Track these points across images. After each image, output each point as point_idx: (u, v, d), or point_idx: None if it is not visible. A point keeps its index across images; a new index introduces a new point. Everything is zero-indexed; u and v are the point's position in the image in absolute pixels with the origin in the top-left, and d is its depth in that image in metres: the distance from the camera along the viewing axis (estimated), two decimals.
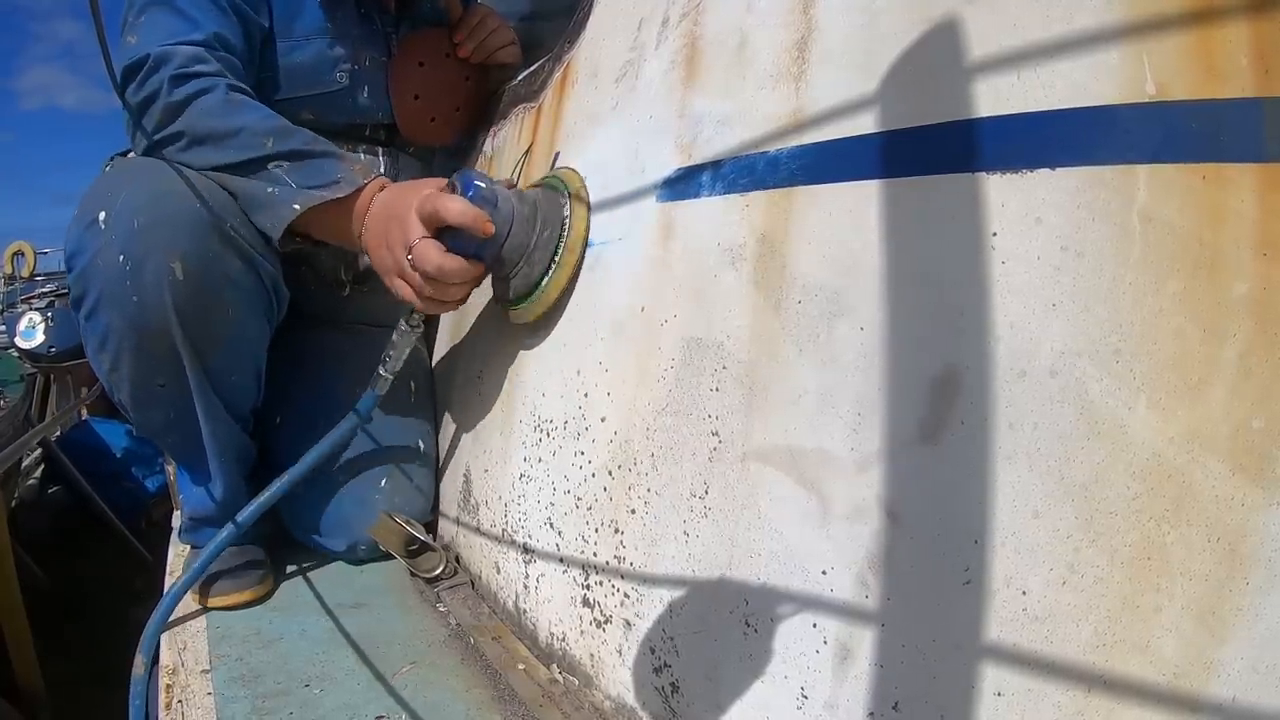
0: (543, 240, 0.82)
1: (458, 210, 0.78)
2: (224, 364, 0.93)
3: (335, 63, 1.09)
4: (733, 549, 0.62)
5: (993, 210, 0.48)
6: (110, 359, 0.89)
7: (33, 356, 4.27)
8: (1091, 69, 0.45)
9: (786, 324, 0.59)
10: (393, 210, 0.86)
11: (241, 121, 0.91)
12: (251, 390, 1.03)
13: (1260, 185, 0.41)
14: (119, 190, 0.86)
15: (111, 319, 0.86)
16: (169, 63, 0.91)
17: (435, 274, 0.81)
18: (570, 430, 0.82)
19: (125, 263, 0.83)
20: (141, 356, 0.88)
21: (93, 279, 0.85)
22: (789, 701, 0.57)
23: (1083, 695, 0.44)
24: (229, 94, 0.93)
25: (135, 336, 0.86)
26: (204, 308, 0.87)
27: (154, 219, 0.84)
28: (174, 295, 0.84)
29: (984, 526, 0.47)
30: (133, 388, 0.91)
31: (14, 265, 6.50)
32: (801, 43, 0.61)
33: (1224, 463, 0.41)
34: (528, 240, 0.82)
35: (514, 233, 0.81)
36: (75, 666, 2.49)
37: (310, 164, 0.90)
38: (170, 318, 0.85)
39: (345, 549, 1.12)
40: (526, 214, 0.82)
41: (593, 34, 0.89)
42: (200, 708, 0.80)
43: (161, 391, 0.91)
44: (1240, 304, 0.41)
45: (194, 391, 0.91)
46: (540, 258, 0.83)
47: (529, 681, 0.82)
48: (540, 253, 0.82)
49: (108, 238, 0.84)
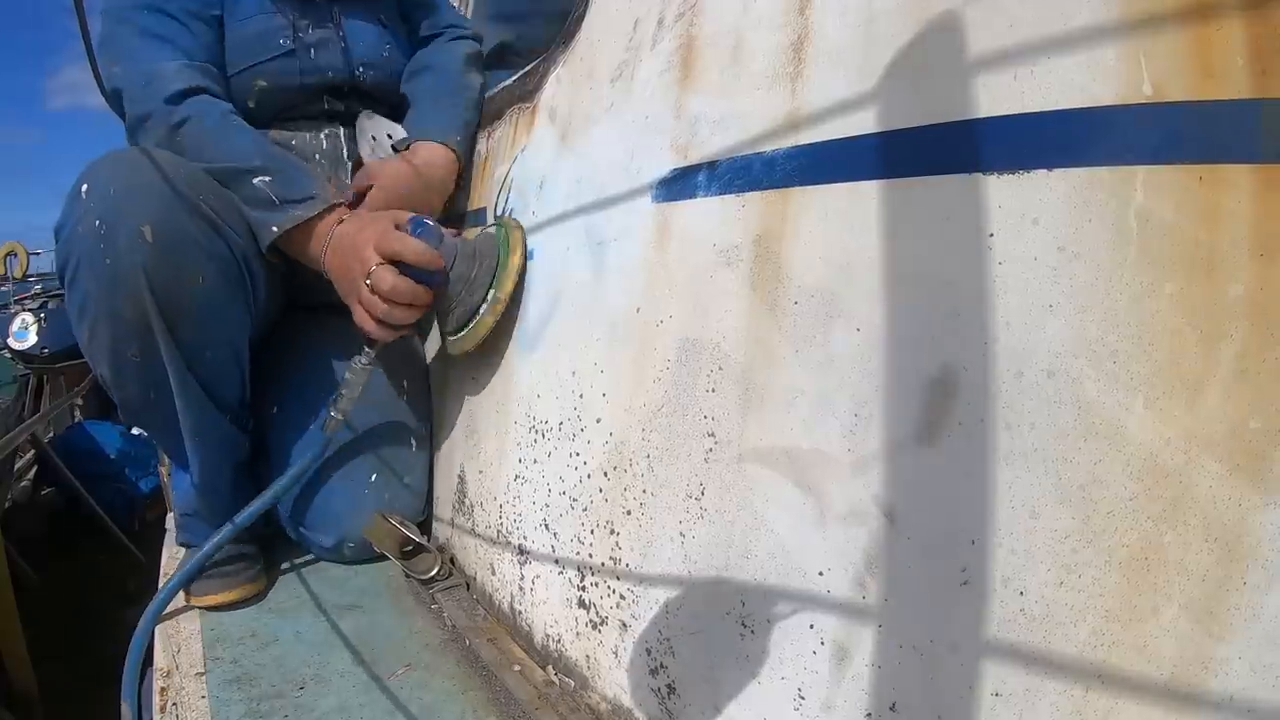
0: (482, 270, 0.93)
1: (415, 249, 0.91)
2: (196, 337, 0.94)
3: (278, 30, 1.14)
4: (729, 550, 0.62)
5: (990, 211, 0.48)
6: (88, 327, 0.92)
7: (25, 357, 4.26)
8: (1088, 70, 0.45)
9: (783, 325, 0.59)
10: (353, 243, 0.95)
11: (231, 145, 1.00)
12: (233, 374, 1.03)
13: (1257, 186, 0.41)
14: (102, 165, 0.91)
15: (88, 284, 0.89)
16: (159, 82, 1.00)
17: (390, 293, 0.91)
18: (566, 431, 0.82)
19: (100, 227, 0.87)
20: (116, 323, 0.90)
21: (73, 245, 0.89)
22: (786, 702, 0.57)
23: (1081, 695, 0.44)
24: (222, 119, 1.02)
25: (109, 300, 0.88)
26: (174, 270, 0.90)
27: (127, 185, 0.88)
28: (144, 257, 0.87)
29: (981, 527, 0.47)
30: (110, 357, 0.93)
31: (6, 266, 6.46)
32: (798, 44, 0.61)
33: (1221, 463, 0.41)
34: (469, 271, 0.93)
35: (457, 264, 0.93)
36: (68, 668, 2.48)
37: (289, 177, 0.99)
38: (141, 280, 0.87)
39: (333, 545, 1.12)
40: (468, 251, 0.94)
41: (588, 34, 0.89)
42: (195, 710, 0.79)
43: (136, 364, 0.93)
44: (1237, 304, 0.41)
45: (167, 364, 0.93)
46: (480, 285, 0.93)
47: (525, 683, 0.82)
48: (480, 281, 0.93)
49: (87, 205, 0.88)
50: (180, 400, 0.96)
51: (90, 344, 0.93)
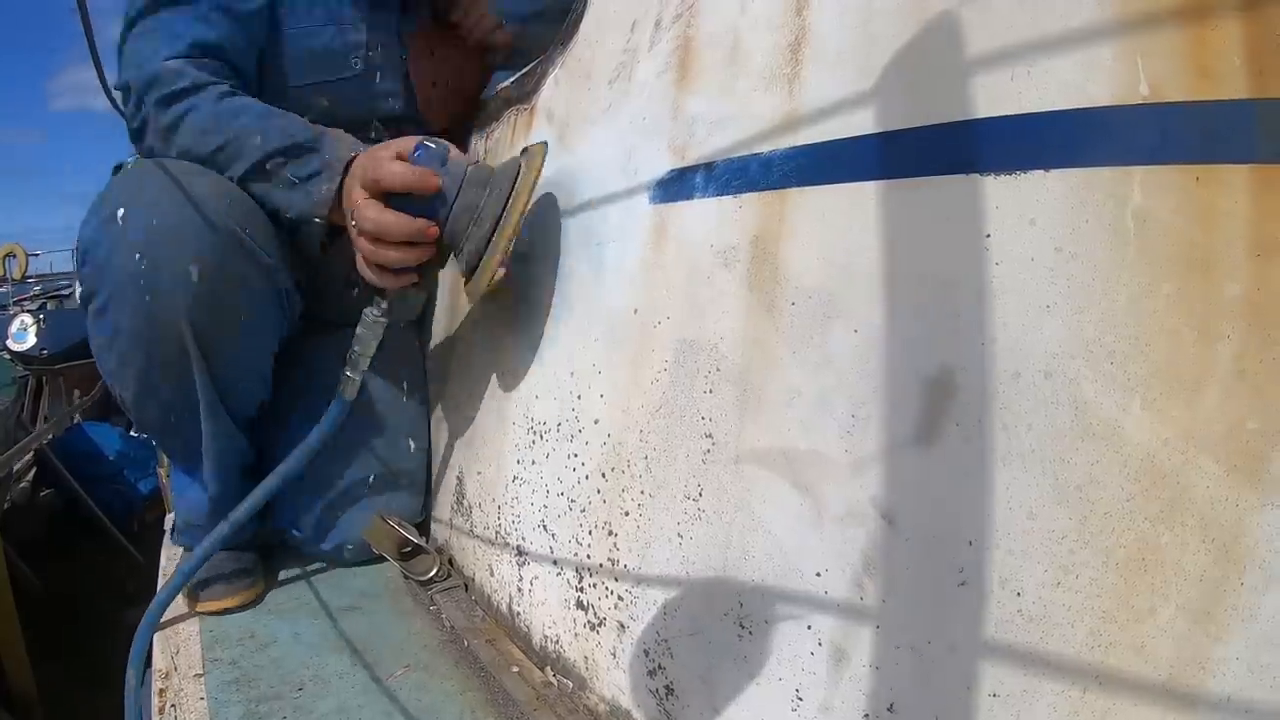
0: (492, 197, 0.80)
1: (395, 172, 0.78)
2: (232, 369, 0.93)
3: (349, 50, 1.07)
4: (727, 551, 0.62)
5: (987, 212, 0.48)
6: (117, 357, 0.89)
7: (24, 359, 4.26)
8: (1085, 70, 0.45)
9: (780, 326, 0.59)
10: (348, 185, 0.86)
11: (231, 131, 0.91)
12: (257, 395, 1.02)
13: (1254, 186, 0.41)
14: (140, 190, 0.86)
15: (122, 317, 0.85)
16: (154, 86, 0.93)
17: (374, 230, 0.79)
18: (563, 432, 0.82)
19: (141, 261, 0.83)
20: (150, 357, 0.87)
21: (106, 275, 0.85)
22: (784, 704, 0.57)
23: (1078, 696, 0.44)
24: (216, 104, 0.93)
25: (145, 336, 0.86)
26: (217, 311, 0.87)
27: (174, 220, 0.83)
28: (189, 297, 0.84)
29: (979, 527, 0.47)
30: (137, 386, 0.90)
31: (5, 268, 6.46)
32: (795, 44, 0.61)
33: (1219, 463, 0.41)
34: (477, 200, 0.80)
35: (463, 192, 0.80)
36: (67, 669, 2.48)
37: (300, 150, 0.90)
38: (183, 319, 0.85)
39: (332, 548, 1.11)
40: (479, 177, 0.80)
41: (586, 35, 0.89)
42: (193, 711, 0.79)
43: (166, 392, 0.90)
44: (1234, 305, 0.41)
45: (200, 396, 0.91)
46: (489, 212, 0.80)
47: (523, 684, 0.82)
48: (489, 208, 0.80)
49: (125, 234, 0.83)
50: (208, 426, 0.94)
51: (117, 372, 0.90)
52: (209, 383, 0.90)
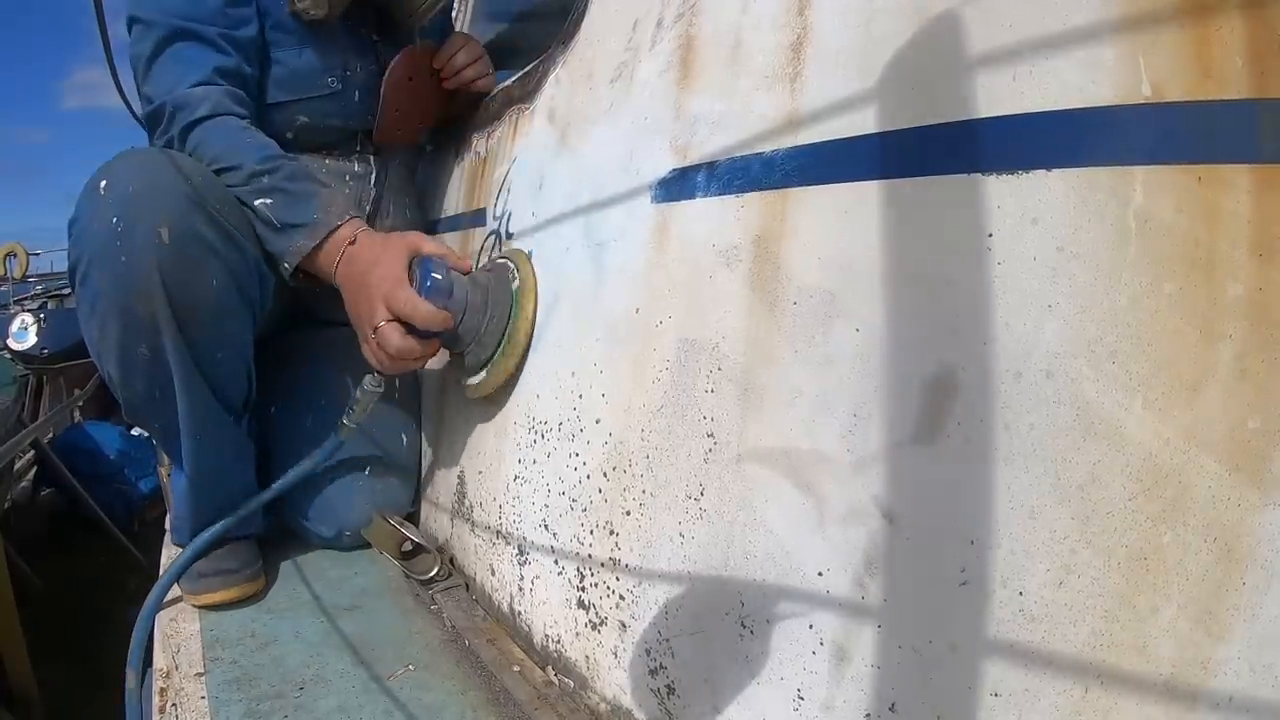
0: (491, 327, 0.93)
1: (425, 314, 0.89)
2: (206, 337, 0.95)
3: (326, 69, 1.15)
4: (728, 550, 0.62)
5: (989, 211, 0.48)
6: (98, 323, 0.92)
7: (25, 358, 4.25)
8: (1087, 70, 0.45)
9: (782, 325, 0.59)
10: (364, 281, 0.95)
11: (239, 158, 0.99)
12: (239, 375, 1.04)
13: (1255, 186, 0.41)
14: (121, 163, 0.92)
15: (101, 280, 0.89)
16: (182, 111, 1.01)
17: (396, 355, 0.92)
18: (565, 432, 0.82)
19: (118, 224, 0.87)
20: (127, 320, 0.90)
21: (87, 241, 0.89)
22: (785, 703, 0.57)
23: (1080, 695, 0.44)
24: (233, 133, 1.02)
25: (121, 297, 0.89)
26: (188, 271, 0.90)
27: (146, 185, 0.89)
28: (159, 256, 0.88)
29: (981, 527, 0.47)
30: (119, 354, 0.93)
31: (6, 267, 6.45)
32: (797, 44, 0.61)
33: (1220, 463, 0.41)
34: (478, 326, 0.93)
35: (466, 318, 0.92)
36: (68, 669, 2.47)
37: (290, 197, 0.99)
38: (154, 278, 0.88)
39: (333, 535, 1.17)
40: (478, 303, 0.93)
41: (587, 35, 0.89)
42: (194, 710, 0.79)
43: (145, 361, 0.93)
44: (1236, 305, 0.41)
45: (173, 363, 0.93)
46: (489, 341, 0.93)
47: (525, 684, 0.82)
48: (489, 337, 0.93)
49: (105, 202, 0.88)
50: (184, 398, 0.96)
51: (99, 341, 0.94)
52: (183, 346, 0.93)
